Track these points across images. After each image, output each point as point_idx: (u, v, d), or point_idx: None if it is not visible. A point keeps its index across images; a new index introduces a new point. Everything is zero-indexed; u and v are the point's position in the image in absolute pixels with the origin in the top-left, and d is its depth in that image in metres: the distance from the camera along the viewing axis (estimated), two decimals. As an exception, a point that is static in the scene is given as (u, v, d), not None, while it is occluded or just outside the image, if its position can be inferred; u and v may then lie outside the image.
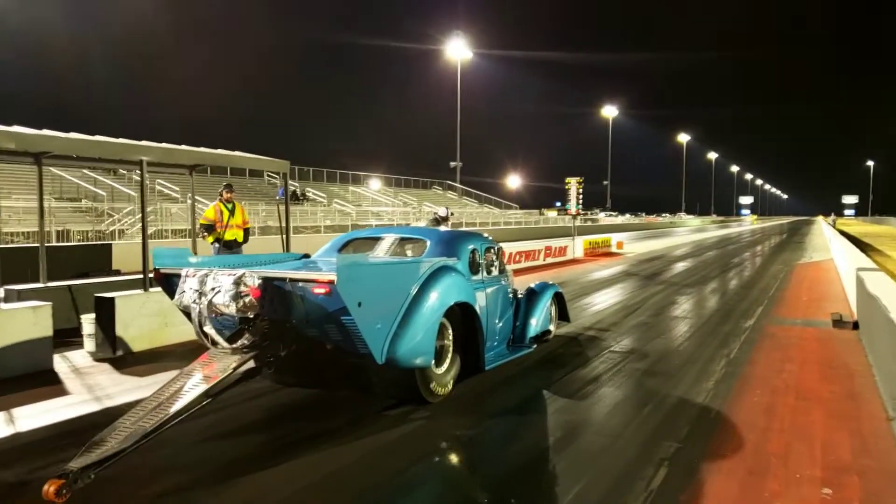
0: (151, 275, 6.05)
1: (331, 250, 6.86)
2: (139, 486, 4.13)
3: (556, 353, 7.81)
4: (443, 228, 9.71)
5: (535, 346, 7.59)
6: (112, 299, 7.38)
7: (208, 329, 4.90)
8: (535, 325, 7.60)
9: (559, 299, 8.67)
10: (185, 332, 8.12)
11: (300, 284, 4.74)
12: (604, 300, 12.72)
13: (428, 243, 6.58)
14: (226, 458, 4.59)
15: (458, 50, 53.94)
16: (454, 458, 4.80)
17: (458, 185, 60.67)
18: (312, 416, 5.50)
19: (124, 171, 33.28)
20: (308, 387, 6.05)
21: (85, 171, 29.96)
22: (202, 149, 9.43)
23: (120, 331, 7.36)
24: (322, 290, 4.60)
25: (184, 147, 9.06)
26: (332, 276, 4.45)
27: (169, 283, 5.50)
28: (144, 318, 7.64)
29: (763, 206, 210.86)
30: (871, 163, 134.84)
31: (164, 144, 8.78)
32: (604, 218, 75.41)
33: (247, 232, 10.56)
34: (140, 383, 6.45)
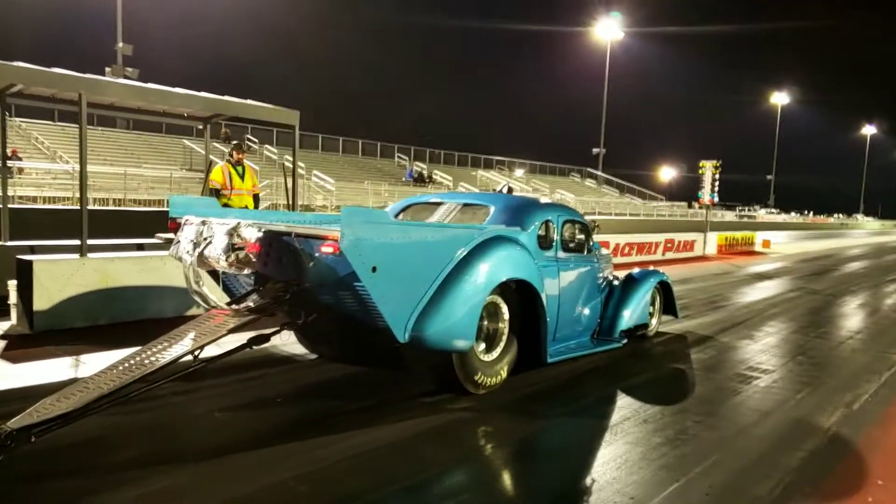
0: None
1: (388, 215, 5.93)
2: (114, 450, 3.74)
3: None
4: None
5: (625, 340, 6.56)
6: (30, 263, 6.11)
7: (200, 286, 4.55)
8: (627, 317, 6.65)
9: (665, 290, 7.55)
10: (140, 308, 6.82)
11: (308, 241, 4.17)
12: (711, 305, 9.97)
13: (491, 209, 5.76)
14: (226, 433, 4.07)
15: (608, 30, 50.46)
16: (486, 464, 4.02)
17: (598, 172, 57.53)
18: (338, 395, 4.96)
19: (255, 146, 34.27)
20: (343, 361, 5.50)
21: (215, 143, 30.97)
22: (163, 87, 7.87)
23: (42, 303, 6.08)
24: (329, 250, 4.00)
25: (122, 81, 7.74)
26: (338, 233, 3.85)
27: None
28: (78, 289, 6.34)
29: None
30: None
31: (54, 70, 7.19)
32: (763, 215, 68.73)
33: (256, 199, 9.10)
34: (13, 372, 5.08)
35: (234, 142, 9.01)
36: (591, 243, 6.50)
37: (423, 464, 3.76)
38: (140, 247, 8.15)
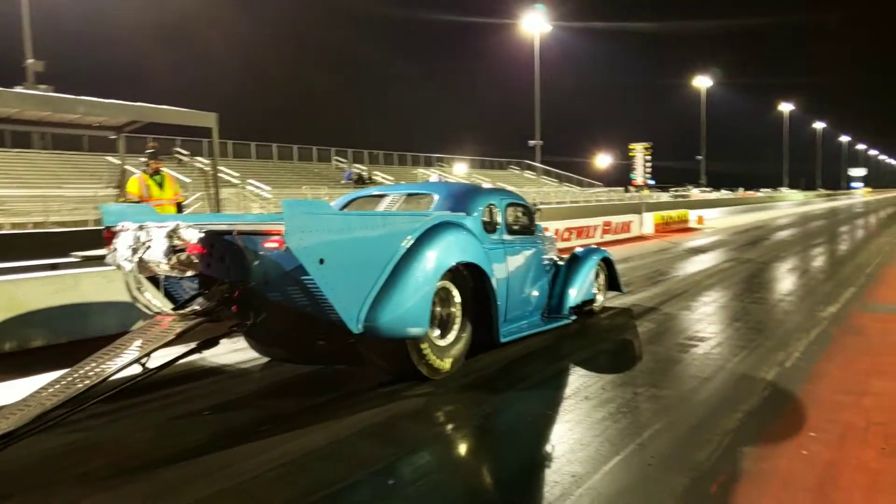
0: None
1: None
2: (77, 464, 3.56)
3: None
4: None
5: (573, 317, 6.76)
6: None
7: (141, 293, 4.45)
8: (574, 294, 6.81)
9: (609, 266, 7.75)
10: (66, 328, 6.42)
11: (251, 238, 4.10)
12: (651, 281, 10.10)
13: (435, 198, 5.81)
14: (151, 452, 3.77)
15: (535, 23, 50.90)
16: (442, 450, 3.90)
17: (537, 164, 58.16)
18: (296, 393, 4.93)
19: (186, 159, 33.21)
20: (297, 362, 5.40)
21: (141, 157, 29.88)
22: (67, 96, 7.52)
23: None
24: (274, 245, 3.95)
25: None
26: (282, 227, 3.79)
27: None
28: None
29: (878, 178, 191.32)
30: None
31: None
32: (697, 193, 70.99)
33: (179, 208, 8.72)
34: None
35: (149, 150, 8.60)
36: (535, 225, 6.59)
37: (374, 455, 3.63)
38: (54, 266, 7.69)
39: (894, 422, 3.87)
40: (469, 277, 5.31)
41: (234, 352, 5.70)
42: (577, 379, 5.00)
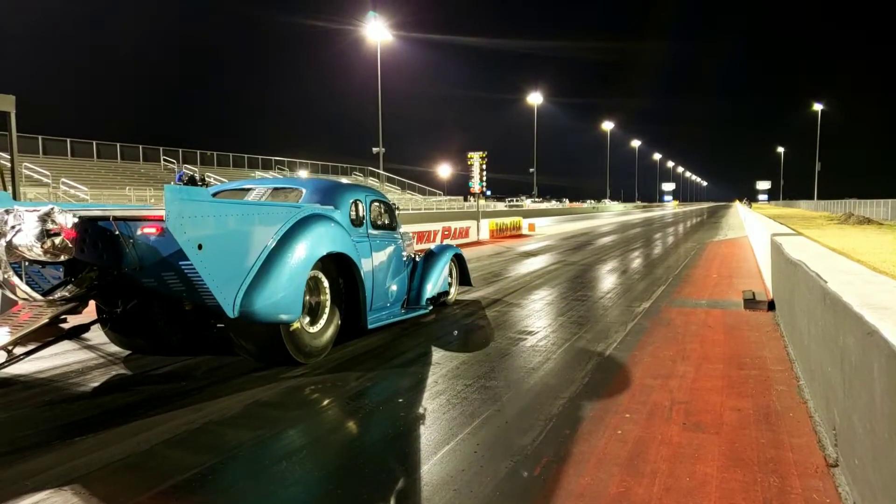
0: None
1: None
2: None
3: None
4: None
5: (431, 307, 7.25)
6: None
7: (10, 277, 4.28)
8: (430, 288, 7.27)
9: (460, 262, 8.32)
10: None
11: (128, 224, 4.15)
12: (489, 280, 10.40)
13: (303, 192, 5.98)
14: (39, 427, 3.85)
15: (376, 31, 50.99)
16: (314, 426, 3.99)
17: (380, 171, 58.31)
18: (168, 379, 4.86)
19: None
20: (162, 353, 5.45)
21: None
22: None
23: None
24: (153, 230, 4.06)
25: None
26: (162, 212, 3.89)
27: None
28: None
29: (684, 193, 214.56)
30: (781, 149, 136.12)
31: None
32: (529, 204, 75.08)
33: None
34: None
35: None
36: (396, 223, 6.95)
37: (240, 438, 3.52)
38: None
39: (694, 400, 4.24)
40: (337, 268, 5.52)
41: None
42: (424, 368, 5.04)
